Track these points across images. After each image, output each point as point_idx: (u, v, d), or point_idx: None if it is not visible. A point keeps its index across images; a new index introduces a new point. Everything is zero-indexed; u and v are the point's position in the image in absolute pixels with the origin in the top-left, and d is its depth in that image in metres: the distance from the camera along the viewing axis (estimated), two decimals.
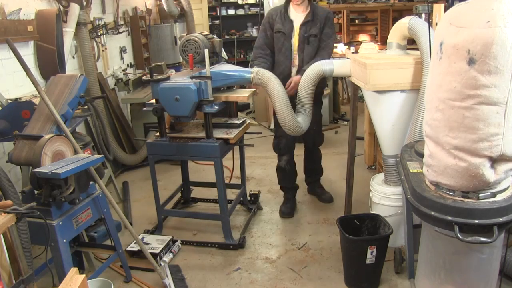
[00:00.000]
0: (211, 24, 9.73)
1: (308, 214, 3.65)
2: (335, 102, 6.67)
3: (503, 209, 1.76)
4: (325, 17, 3.40)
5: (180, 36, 4.51)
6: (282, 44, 3.42)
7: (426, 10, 2.81)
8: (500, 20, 1.55)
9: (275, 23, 3.43)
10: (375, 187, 3.01)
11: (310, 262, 2.95)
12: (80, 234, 2.72)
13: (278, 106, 2.97)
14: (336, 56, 6.02)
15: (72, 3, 3.87)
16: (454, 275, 2.04)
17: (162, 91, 2.90)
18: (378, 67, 2.65)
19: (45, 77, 3.51)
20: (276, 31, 3.43)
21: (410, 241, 2.39)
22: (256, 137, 4.95)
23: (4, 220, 1.71)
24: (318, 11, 3.42)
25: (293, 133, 3.10)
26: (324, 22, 3.39)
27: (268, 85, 2.98)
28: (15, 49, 2.49)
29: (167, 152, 3.14)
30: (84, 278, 1.69)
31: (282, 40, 3.42)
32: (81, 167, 2.21)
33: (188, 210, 3.78)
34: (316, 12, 3.40)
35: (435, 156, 1.86)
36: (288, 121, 2.99)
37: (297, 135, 3.16)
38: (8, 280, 1.85)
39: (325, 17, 3.40)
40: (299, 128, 3.06)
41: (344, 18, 9.20)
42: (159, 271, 2.70)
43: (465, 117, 1.68)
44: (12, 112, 2.70)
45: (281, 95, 2.96)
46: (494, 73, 1.59)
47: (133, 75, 5.27)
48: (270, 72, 3.05)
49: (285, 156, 3.59)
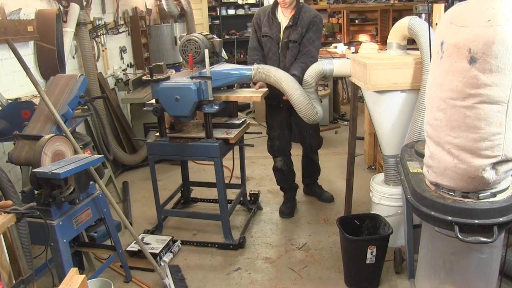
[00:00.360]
0: (211, 24, 9.74)
1: (308, 214, 3.64)
2: (335, 102, 6.67)
3: (503, 209, 1.76)
4: (309, 21, 3.20)
5: (180, 36, 4.51)
6: (269, 49, 3.33)
7: (426, 10, 2.81)
8: (501, 18, 1.55)
9: (262, 26, 3.32)
10: (375, 187, 3.01)
11: (310, 262, 2.95)
12: (80, 234, 2.72)
13: (284, 86, 2.91)
14: (336, 56, 6.03)
15: (72, 3, 3.87)
16: (454, 275, 2.04)
17: (162, 91, 2.90)
18: (378, 67, 2.65)
19: (45, 77, 3.51)
20: (263, 35, 3.33)
21: (410, 241, 2.38)
22: (256, 137, 4.94)
23: (4, 220, 1.71)
24: (304, 15, 3.22)
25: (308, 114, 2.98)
26: (308, 27, 3.20)
27: (270, 75, 2.96)
28: (15, 49, 2.49)
29: (167, 152, 3.14)
30: (84, 278, 1.69)
31: (269, 45, 3.32)
32: (81, 167, 2.21)
33: (188, 210, 3.78)
34: (301, 15, 3.21)
35: (435, 157, 1.86)
36: (299, 96, 2.90)
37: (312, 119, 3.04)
38: (8, 280, 1.85)
39: (310, 21, 3.20)
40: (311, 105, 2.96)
41: (344, 18, 9.21)
42: (159, 271, 2.70)
43: (467, 116, 1.68)
44: (12, 112, 2.70)
45: (285, 76, 2.93)
46: (496, 72, 1.59)
47: (133, 75, 5.26)
48: (269, 65, 3.06)
49: (280, 157, 3.53)
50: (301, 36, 3.23)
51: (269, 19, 3.30)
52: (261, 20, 3.35)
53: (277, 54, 3.32)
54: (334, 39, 9.27)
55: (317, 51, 3.31)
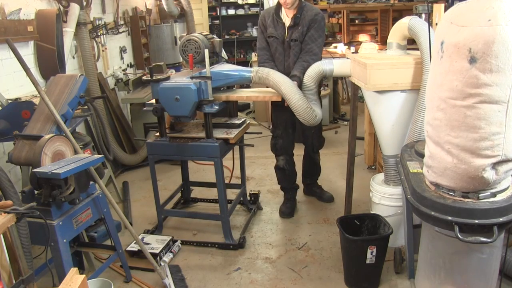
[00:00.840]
0: (211, 24, 9.74)
1: (308, 214, 3.64)
2: (335, 102, 6.67)
3: (503, 209, 1.76)
4: (310, 20, 3.23)
5: (180, 36, 4.51)
6: (276, 49, 3.37)
7: (426, 10, 2.81)
8: (501, 18, 1.55)
9: (268, 27, 3.36)
10: (375, 187, 3.01)
11: (310, 262, 2.95)
12: (80, 234, 2.72)
13: (283, 90, 2.91)
14: (336, 56, 6.03)
15: (72, 3, 3.87)
16: (454, 275, 2.04)
17: (162, 91, 2.90)
18: (378, 67, 2.65)
19: (45, 77, 3.51)
20: (268, 36, 3.37)
21: (410, 241, 2.38)
22: (256, 137, 4.95)
23: (4, 220, 1.71)
24: (306, 14, 3.26)
25: (307, 117, 2.97)
26: (309, 25, 3.24)
27: (269, 78, 2.96)
28: (15, 49, 2.49)
29: (167, 152, 3.14)
30: (84, 278, 1.69)
31: (275, 45, 3.36)
32: (81, 167, 2.21)
33: (188, 210, 3.78)
34: (303, 14, 3.25)
35: (435, 157, 1.86)
36: (298, 100, 2.90)
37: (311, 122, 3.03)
38: (8, 280, 1.84)
39: (311, 19, 3.23)
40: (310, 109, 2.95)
41: (344, 18, 9.21)
42: (159, 271, 2.70)
43: (467, 116, 1.68)
44: (12, 112, 2.70)
45: (283, 80, 2.93)
46: (496, 72, 1.59)
47: (133, 75, 5.27)
48: (269, 68, 3.06)
49: (282, 156, 3.54)
50: (303, 35, 3.26)
51: (274, 20, 3.35)
52: (266, 21, 3.40)
53: (283, 54, 3.36)
54: (334, 39, 9.27)
55: (319, 49, 3.32)
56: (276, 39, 3.34)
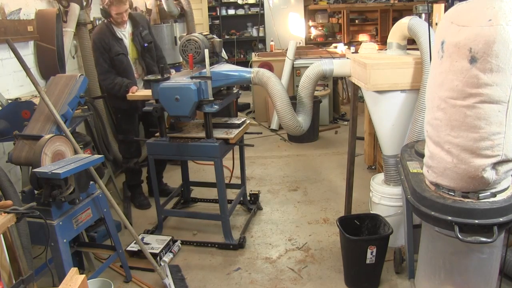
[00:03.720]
0: (211, 24, 9.74)
1: (308, 214, 3.64)
2: (335, 102, 6.67)
3: (503, 209, 1.76)
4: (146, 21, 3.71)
5: (180, 36, 4.51)
6: (127, 64, 3.55)
7: (426, 10, 2.81)
8: (502, 18, 1.55)
9: (112, 47, 3.47)
10: (375, 187, 3.01)
11: (310, 262, 2.95)
12: (80, 234, 2.72)
13: (278, 105, 2.98)
14: (336, 56, 6.04)
15: (72, 3, 3.87)
16: (454, 275, 2.04)
17: (162, 91, 2.90)
18: (378, 67, 2.65)
19: (45, 77, 3.51)
20: (117, 54, 3.48)
21: (410, 241, 2.38)
22: (256, 137, 4.95)
23: (4, 220, 1.71)
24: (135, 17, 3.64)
25: (293, 133, 3.11)
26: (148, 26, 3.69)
27: (268, 85, 2.98)
28: (15, 49, 2.49)
29: (167, 152, 3.14)
30: (84, 278, 1.69)
31: (125, 61, 3.53)
32: (81, 167, 2.21)
33: (188, 210, 3.78)
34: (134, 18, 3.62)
35: (435, 157, 1.86)
36: (288, 120, 3.00)
37: (298, 134, 3.17)
38: (8, 280, 1.84)
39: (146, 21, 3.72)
40: (300, 127, 3.06)
41: (344, 18, 9.22)
42: (159, 271, 2.70)
43: (467, 116, 1.68)
44: (12, 112, 2.70)
45: (281, 95, 2.96)
46: (496, 72, 1.59)
47: None
48: (271, 72, 3.05)
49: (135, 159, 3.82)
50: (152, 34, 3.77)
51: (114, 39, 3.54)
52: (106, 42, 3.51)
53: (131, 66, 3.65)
54: (334, 39, 9.28)
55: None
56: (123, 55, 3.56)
